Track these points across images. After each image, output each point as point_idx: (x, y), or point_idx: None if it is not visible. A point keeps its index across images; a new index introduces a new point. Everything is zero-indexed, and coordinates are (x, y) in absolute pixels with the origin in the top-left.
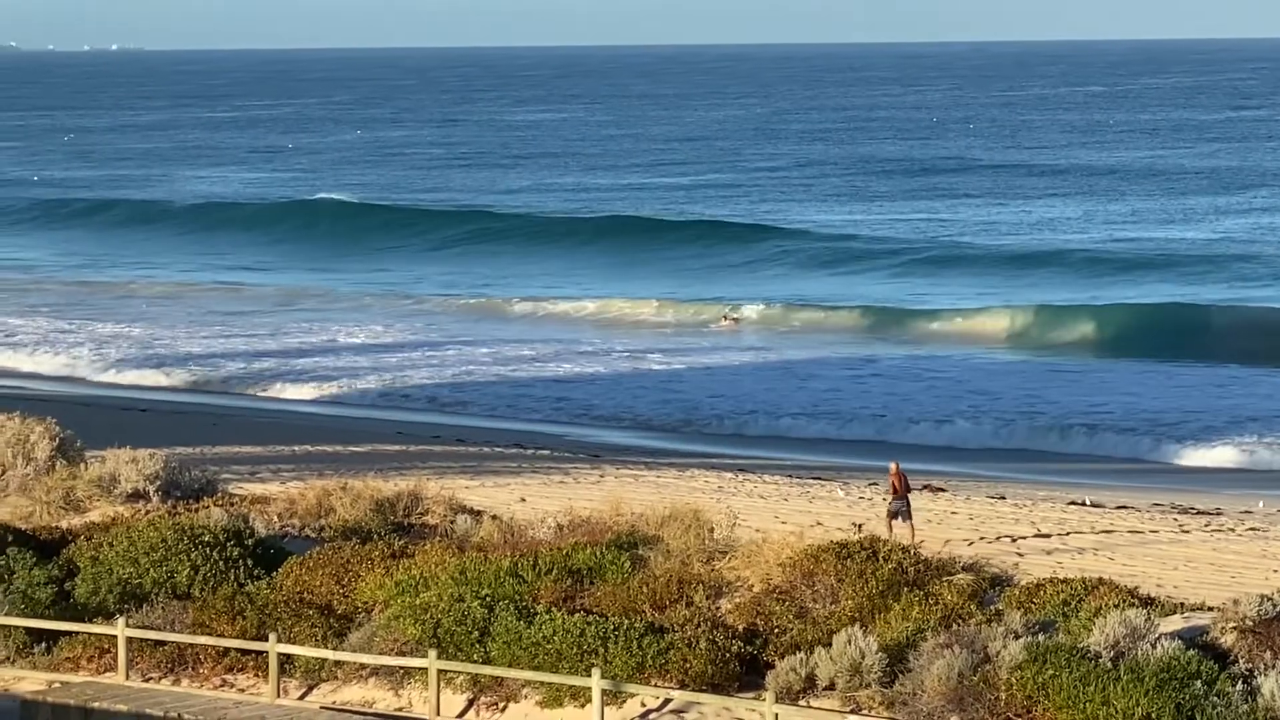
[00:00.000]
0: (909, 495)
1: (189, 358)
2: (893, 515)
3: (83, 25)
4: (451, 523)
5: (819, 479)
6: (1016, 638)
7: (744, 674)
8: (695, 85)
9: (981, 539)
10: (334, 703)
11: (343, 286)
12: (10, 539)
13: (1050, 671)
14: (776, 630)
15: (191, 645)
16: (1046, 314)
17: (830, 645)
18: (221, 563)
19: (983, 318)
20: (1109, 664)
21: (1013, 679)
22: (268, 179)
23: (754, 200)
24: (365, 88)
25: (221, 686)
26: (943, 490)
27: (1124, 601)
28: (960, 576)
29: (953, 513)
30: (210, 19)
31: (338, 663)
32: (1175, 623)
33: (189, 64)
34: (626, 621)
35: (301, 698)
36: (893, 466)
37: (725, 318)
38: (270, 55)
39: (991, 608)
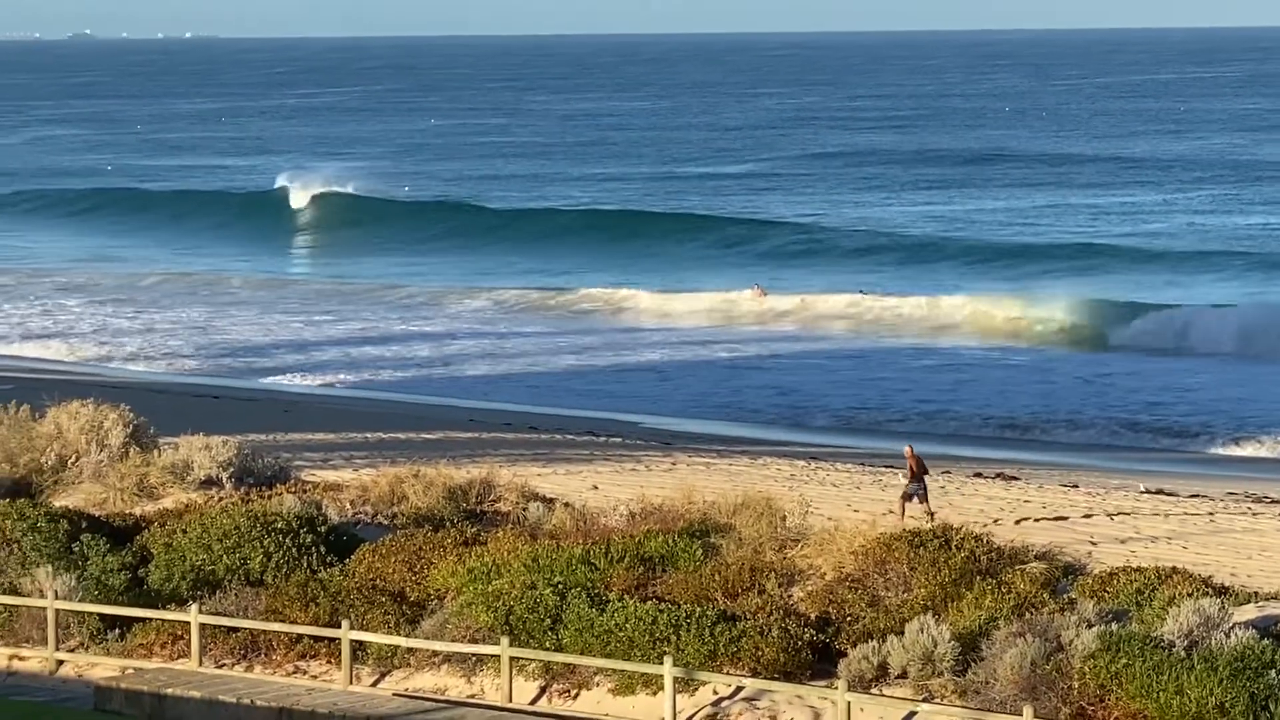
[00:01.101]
0: (925, 477)
1: (260, 348)
2: (907, 497)
3: (157, 12)
4: (524, 510)
5: (891, 467)
6: (1089, 626)
7: (816, 662)
8: (764, 73)
9: (1027, 519)
10: (406, 690)
11: (419, 282)
12: (84, 526)
13: (1123, 661)
14: (849, 618)
15: (264, 632)
16: (1120, 309)
17: (903, 633)
18: (294, 550)
19: (1046, 309)
20: (1182, 653)
21: (1086, 668)
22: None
23: (827, 194)
24: (430, 75)
25: (294, 673)
26: (1016, 479)
27: (1197, 590)
28: (1033, 565)
29: (1025, 500)
30: (284, 6)
31: (410, 650)
32: (1249, 612)
33: (261, 51)
34: (699, 609)
35: (374, 685)
36: (908, 449)
37: (756, 289)
38: (340, 43)
39: (1064, 596)
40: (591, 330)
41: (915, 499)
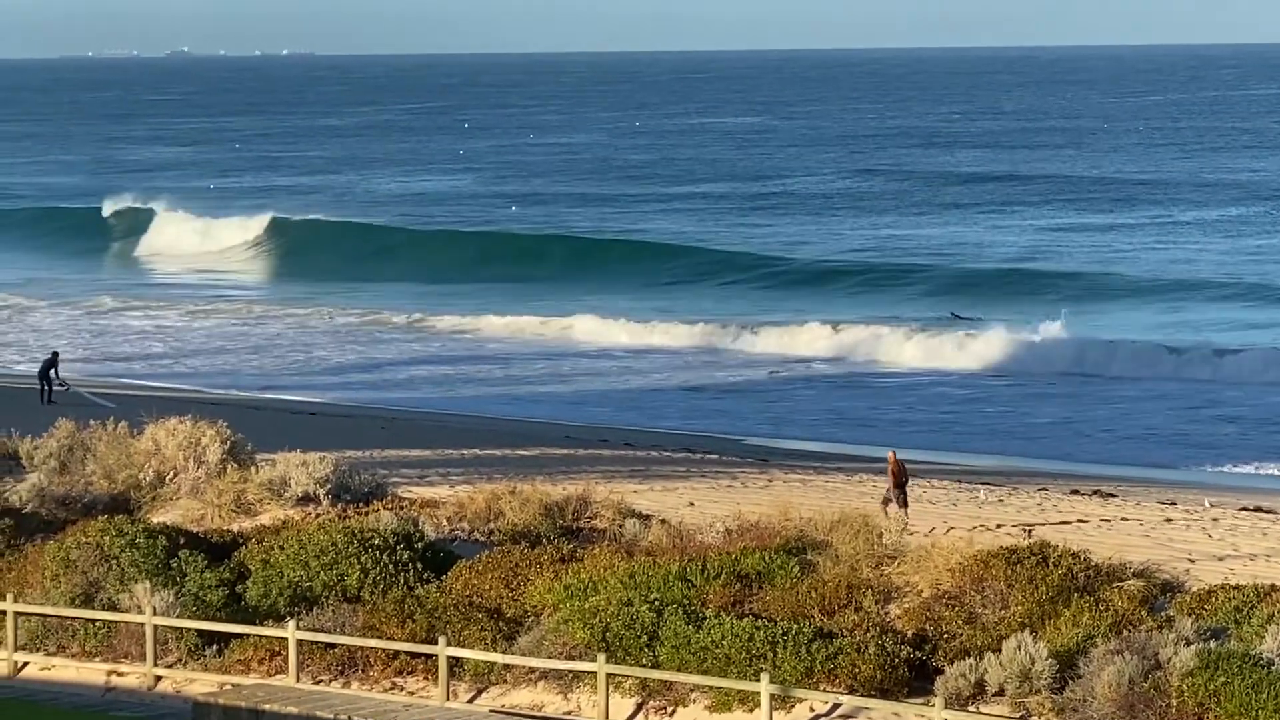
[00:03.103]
0: (905, 484)
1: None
2: (886, 501)
3: (254, 30)
4: (620, 527)
5: (988, 484)
6: (1188, 644)
7: (913, 679)
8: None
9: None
10: (503, 706)
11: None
12: (182, 542)
13: (1222, 678)
14: (946, 636)
15: (361, 648)
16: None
17: (1000, 651)
18: (391, 566)
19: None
20: None
21: (1184, 686)
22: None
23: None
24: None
25: (391, 689)
26: (1113, 496)
27: None
28: (1131, 583)
29: (1123, 519)
30: (379, 24)
31: (507, 666)
32: None
33: (355, 69)
34: (795, 626)
35: (471, 701)
36: (890, 455)
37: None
38: (435, 59)
39: (1162, 614)
40: (699, 351)
41: (894, 504)
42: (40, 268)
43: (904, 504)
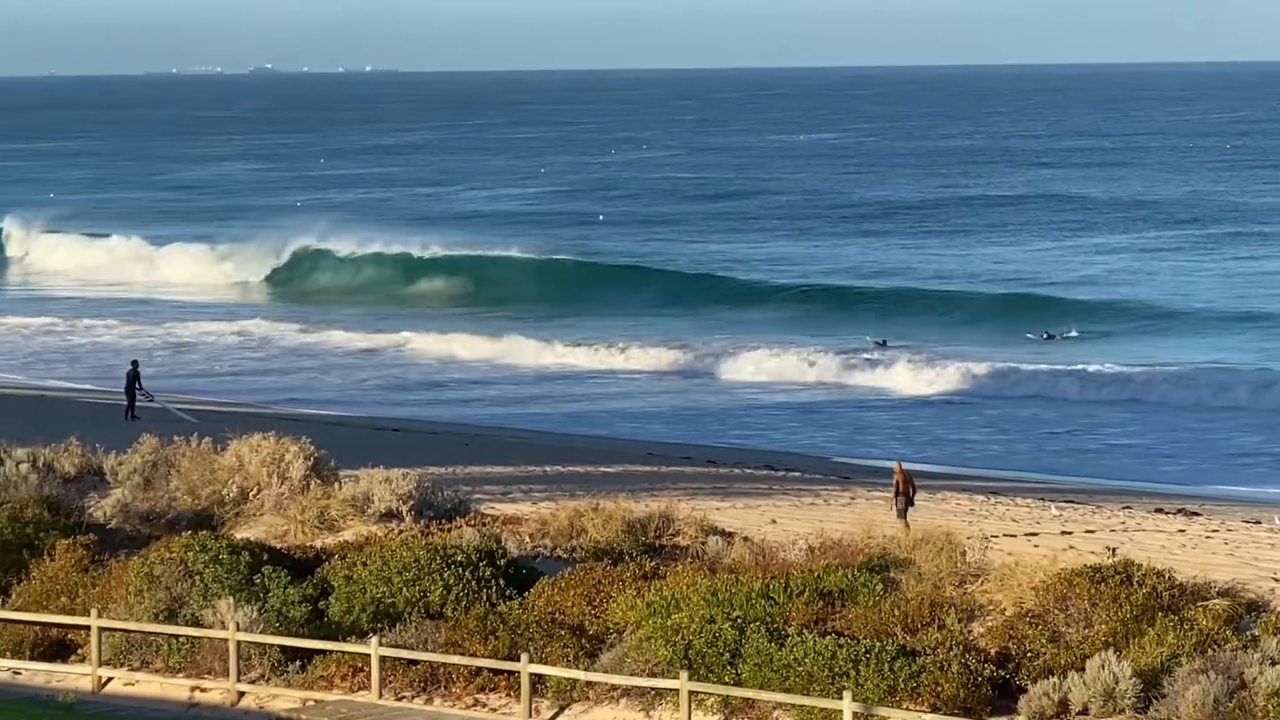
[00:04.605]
0: (908, 493)
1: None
2: (902, 513)
3: (337, 46)
4: (703, 544)
5: (1071, 502)
6: (1273, 664)
7: (996, 698)
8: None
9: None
10: None
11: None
12: (265, 558)
13: None
14: (1029, 654)
15: (444, 664)
16: None
17: (1084, 670)
18: (474, 582)
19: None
20: None
21: (1269, 706)
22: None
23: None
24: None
25: (474, 706)
26: (1197, 514)
27: None
28: (1215, 602)
29: (1206, 537)
30: (460, 40)
31: (589, 683)
32: None
33: (440, 84)
34: (878, 644)
35: (553, 718)
36: (896, 465)
37: (873, 343)
38: (519, 76)
39: (1247, 633)
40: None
41: (898, 513)
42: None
43: (902, 514)
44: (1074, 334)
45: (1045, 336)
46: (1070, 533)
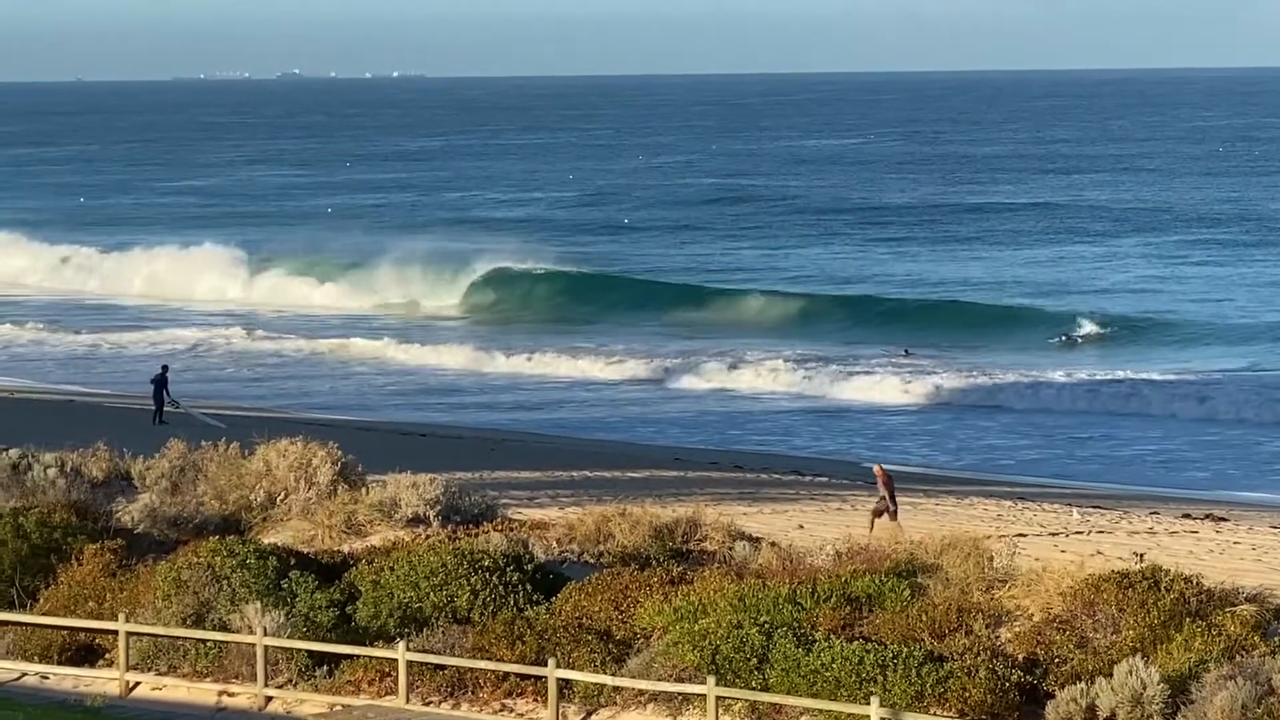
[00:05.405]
0: (892, 495)
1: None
2: (892, 515)
3: (364, 52)
4: (730, 549)
5: (1098, 508)
6: None
7: (1023, 703)
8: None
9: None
10: None
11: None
12: (293, 563)
13: None
14: (1057, 660)
15: (471, 669)
16: None
17: (1111, 675)
18: (501, 587)
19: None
20: None
21: None
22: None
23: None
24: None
25: (501, 711)
26: (1225, 520)
27: None
28: (1244, 607)
29: (1234, 542)
30: (486, 45)
31: (616, 688)
32: None
33: (465, 89)
34: (905, 649)
35: None
36: (877, 468)
37: (899, 351)
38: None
39: (1276, 639)
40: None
41: (885, 514)
42: None
43: (878, 515)
44: (1092, 332)
45: (1064, 339)
46: (1105, 532)
